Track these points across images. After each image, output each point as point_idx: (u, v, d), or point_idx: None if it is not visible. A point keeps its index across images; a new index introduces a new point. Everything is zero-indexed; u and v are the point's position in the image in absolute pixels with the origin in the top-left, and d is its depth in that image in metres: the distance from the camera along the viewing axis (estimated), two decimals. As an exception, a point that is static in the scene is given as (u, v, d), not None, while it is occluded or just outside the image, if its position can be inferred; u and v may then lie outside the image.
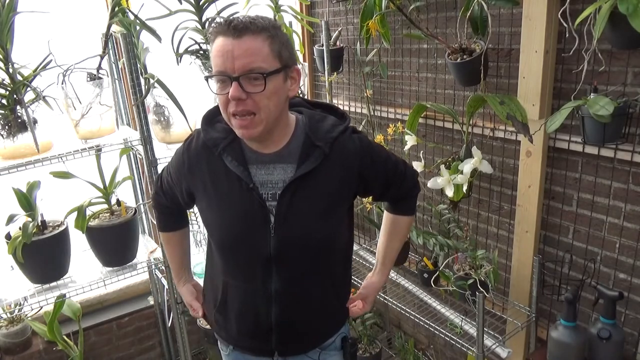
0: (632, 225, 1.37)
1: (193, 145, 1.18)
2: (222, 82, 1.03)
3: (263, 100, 1.02)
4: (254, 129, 1.05)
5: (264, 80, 1.01)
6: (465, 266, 1.63)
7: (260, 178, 1.13)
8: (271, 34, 1.03)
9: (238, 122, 1.04)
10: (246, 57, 1.00)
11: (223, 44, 1.01)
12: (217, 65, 1.02)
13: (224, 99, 1.04)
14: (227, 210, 1.15)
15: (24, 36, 1.57)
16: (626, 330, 1.42)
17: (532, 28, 1.39)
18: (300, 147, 1.14)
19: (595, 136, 1.27)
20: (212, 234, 1.20)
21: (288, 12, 2.06)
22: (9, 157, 1.58)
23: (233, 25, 1.00)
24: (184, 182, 1.21)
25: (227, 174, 1.13)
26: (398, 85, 1.99)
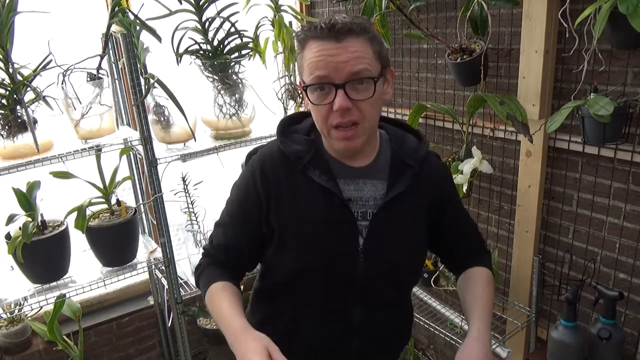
0: (632, 225, 1.37)
1: (268, 161, 1.06)
2: (320, 91, 0.94)
3: (368, 108, 0.95)
4: (358, 139, 0.97)
5: (372, 85, 0.94)
6: (465, 266, 1.63)
7: (349, 193, 1.04)
8: (371, 35, 0.96)
9: (341, 133, 0.96)
10: (352, 61, 0.92)
11: (323, 49, 0.92)
12: (316, 71, 0.93)
13: (325, 110, 0.95)
14: (314, 228, 1.02)
15: (24, 36, 1.57)
16: (626, 330, 1.42)
17: (532, 28, 1.39)
18: (388, 163, 1.07)
19: (595, 136, 1.27)
20: (290, 260, 1.04)
21: (288, 12, 2.06)
22: (9, 157, 1.58)
23: (336, 27, 0.92)
24: (255, 209, 1.05)
25: (312, 189, 1.02)
26: (398, 85, 1.99)
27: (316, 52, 0.93)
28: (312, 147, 1.04)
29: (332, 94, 0.93)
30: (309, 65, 0.95)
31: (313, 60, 0.94)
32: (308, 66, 0.95)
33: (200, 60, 1.84)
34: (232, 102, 1.90)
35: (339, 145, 0.99)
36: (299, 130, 1.08)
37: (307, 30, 0.95)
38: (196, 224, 2.00)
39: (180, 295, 1.93)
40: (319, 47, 0.93)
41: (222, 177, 2.12)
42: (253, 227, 1.06)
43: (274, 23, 2.01)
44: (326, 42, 0.93)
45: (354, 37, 0.93)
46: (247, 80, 1.94)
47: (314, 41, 0.94)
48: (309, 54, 0.95)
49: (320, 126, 0.99)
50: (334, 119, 0.95)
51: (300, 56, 0.98)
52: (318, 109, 0.96)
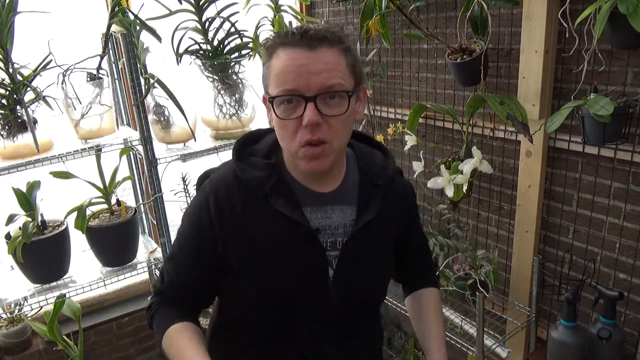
0: (632, 225, 1.37)
1: (222, 188, 0.95)
2: (288, 104, 0.86)
3: (339, 126, 0.87)
4: (326, 159, 0.88)
5: (346, 101, 0.86)
6: (465, 266, 1.63)
7: (317, 222, 0.95)
8: (346, 46, 0.89)
9: (308, 151, 0.86)
10: (325, 72, 0.84)
11: (293, 57, 0.84)
12: (284, 82, 0.85)
13: (292, 125, 0.86)
14: (280, 262, 0.93)
15: (24, 36, 1.57)
16: (626, 330, 1.41)
17: (532, 28, 1.39)
18: (357, 184, 0.99)
19: (595, 136, 1.27)
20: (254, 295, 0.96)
21: (288, 12, 2.06)
22: (9, 157, 1.58)
23: (309, 34, 0.84)
24: (210, 241, 0.94)
25: (276, 220, 0.92)
26: (398, 85, 1.99)
27: (285, 61, 0.85)
28: (273, 172, 0.94)
29: (301, 107, 0.85)
30: (277, 75, 0.86)
31: (282, 70, 0.85)
32: (276, 76, 0.86)
33: (200, 60, 1.84)
34: (232, 102, 1.90)
35: (305, 166, 0.89)
36: (257, 151, 0.97)
37: (277, 37, 0.88)
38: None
39: (180, 295, 1.92)
40: (289, 55, 0.85)
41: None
42: (208, 261, 0.96)
43: (274, 23, 2.01)
44: (297, 50, 0.84)
45: (327, 47, 0.85)
46: (247, 80, 1.94)
47: (284, 49, 0.86)
48: (277, 62, 0.86)
49: (287, 144, 0.90)
50: (303, 136, 0.86)
51: (267, 65, 0.89)
52: (284, 124, 0.87)
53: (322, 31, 0.86)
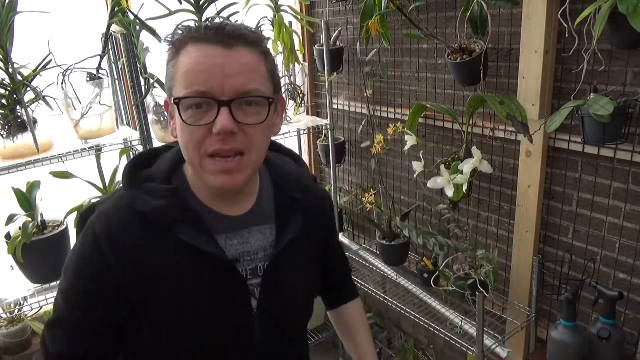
0: (632, 225, 1.37)
1: (115, 224, 0.79)
2: (197, 109, 0.74)
3: (258, 136, 0.77)
4: (240, 174, 0.77)
5: (266, 108, 0.77)
6: (465, 266, 1.63)
7: (234, 250, 0.84)
8: (265, 50, 0.80)
9: (220, 164, 0.75)
10: (243, 75, 0.74)
11: (206, 55, 0.73)
12: (194, 83, 0.73)
13: (200, 133, 0.74)
14: (196, 303, 0.81)
15: (24, 36, 1.57)
16: (626, 330, 1.42)
17: (532, 28, 1.39)
18: (272, 201, 0.89)
19: (595, 136, 1.27)
20: (171, 346, 0.82)
21: (288, 12, 2.06)
22: (9, 157, 1.58)
23: (226, 30, 0.74)
24: (107, 292, 0.78)
25: (185, 255, 0.79)
26: (398, 85, 1.99)
27: (196, 58, 0.73)
28: (177, 199, 0.80)
29: (213, 113, 0.73)
30: (186, 74, 0.74)
31: (191, 69, 0.73)
32: (184, 75, 0.74)
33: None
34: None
35: (215, 181, 0.76)
36: (154, 176, 0.82)
37: (186, 31, 0.76)
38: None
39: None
40: (201, 52, 0.74)
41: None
42: (109, 317, 0.80)
43: (274, 23, 2.01)
44: (211, 47, 0.74)
45: (245, 47, 0.75)
46: (247, 80, 1.93)
47: (195, 45, 0.74)
48: (187, 60, 0.74)
49: (191, 155, 0.77)
50: (212, 145, 0.74)
51: (173, 63, 0.77)
52: (191, 131, 0.74)
53: (240, 29, 0.76)
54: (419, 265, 1.89)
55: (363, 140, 2.20)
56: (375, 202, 1.99)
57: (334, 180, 2.29)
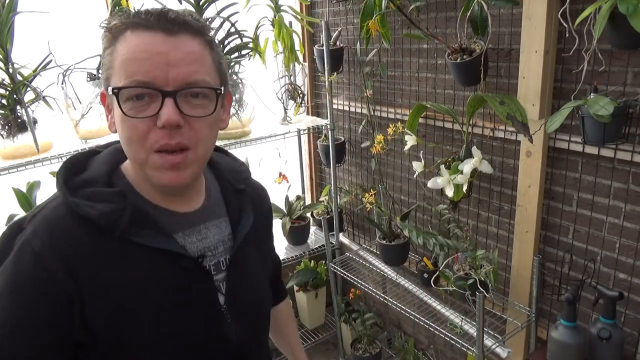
0: (632, 225, 1.37)
1: (57, 234, 0.70)
2: (138, 100, 0.69)
3: (204, 129, 0.73)
4: (187, 170, 0.72)
5: (213, 101, 0.73)
6: (465, 266, 1.63)
7: (195, 247, 0.79)
8: (210, 39, 0.75)
9: (167, 160, 0.70)
10: (188, 65, 0.69)
11: (148, 42, 0.68)
12: (135, 72, 0.68)
13: (143, 127, 0.69)
14: (163, 311, 0.74)
15: (24, 36, 1.57)
16: (626, 330, 1.42)
17: (532, 28, 1.39)
18: (219, 194, 0.87)
19: (595, 136, 1.27)
20: (140, 352, 0.74)
21: (288, 12, 2.06)
22: (9, 157, 1.58)
23: (169, 16, 0.69)
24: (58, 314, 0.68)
25: (143, 259, 0.73)
26: (398, 85, 1.99)
27: (137, 46, 0.68)
28: (125, 201, 0.73)
29: (157, 104, 0.68)
30: (125, 62, 0.68)
31: (132, 57, 0.68)
32: (123, 64, 0.68)
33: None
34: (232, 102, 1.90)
35: (160, 178, 0.71)
36: (93, 180, 0.75)
37: (125, 17, 0.70)
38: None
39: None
40: (142, 39, 0.68)
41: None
42: (59, 343, 0.69)
43: (274, 23, 2.01)
44: (153, 34, 0.68)
45: (190, 35, 0.71)
46: (247, 80, 1.94)
47: (135, 31, 0.69)
48: (126, 47, 0.69)
49: (135, 150, 0.71)
50: (157, 140, 0.69)
51: (110, 51, 0.70)
52: (133, 125, 0.69)
53: (183, 15, 0.71)
54: (419, 265, 1.89)
55: (363, 140, 2.20)
56: (375, 202, 1.99)
57: (334, 180, 2.29)
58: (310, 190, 2.75)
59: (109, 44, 0.71)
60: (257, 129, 2.07)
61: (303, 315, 2.62)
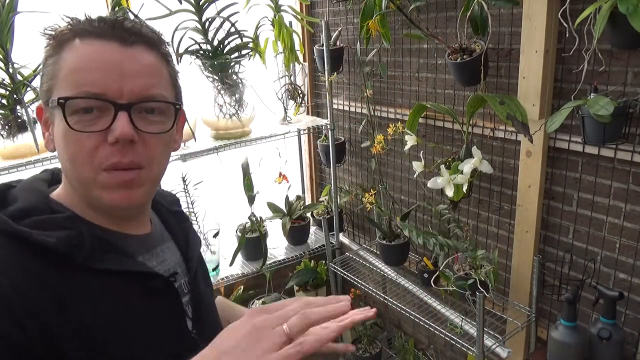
0: (632, 225, 1.37)
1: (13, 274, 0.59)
2: (85, 114, 0.63)
3: (159, 148, 0.68)
4: (139, 189, 0.67)
5: (171, 117, 0.69)
6: (465, 266, 1.63)
7: (158, 270, 0.74)
8: (167, 53, 0.71)
9: (118, 177, 0.64)
10: (144, 77, 0.65)
11: (100, 51, 0.63)
12: (85, 82, 0.62)
13: (91, 143, 0.63)
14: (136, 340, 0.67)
15: (24, 36, 1.57)
16: (626, 330, 1.42)
17: (532, 28, 1.39)
18: (156, 217, 0.83)
19: (595, 136, 1.27)
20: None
21: (288, 12, 2.06)
22: (9, 157, 1.58)
23: (124, 25, 0.65)
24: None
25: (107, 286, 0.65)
26: (398, 85, 1.99)
27: (89, 55, 0.63)
28: (78, 225, 0.66)
29: (107, 118, 0.63)
30: (74, 72, 0.63)
31: (82, 66, 0.63)
32: (71, 73, 0.63)
33: (200, 60, 1.84)
34: (232, 102, 1.90)
35: (111, 198, 0.65)
36: (31, 209, 0.65)
37: (74, 24, 0.66)
38: (196, 224, 2.00)
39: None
40: (93, 47, 0.63)
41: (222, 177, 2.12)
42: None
43: (274, 23, 2.01)
44: (106, 43, 0.64)
45: (146, 47, 0.67)
46: (247, 80, 1.94)
47: (86, 40, 0.64)
48: (74, 56, 0.63)
49: (80, 169, 0.64)
50: (107, 157, 0.63)
51: (54, 60, 0.64)
52: (79, 140, 0.62)
53: (139, 25, 0.68)
54: (419, 265, 1.89)
55: (363, 140, 2.20)
56: (375, 202, 1.99)
57: (334, 180, 2.29)
58: (310, 190, 2.75)
59: (53, 52, 0.65)
60: (257, 129, 2.07)
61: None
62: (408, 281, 2.00)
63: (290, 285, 2.45)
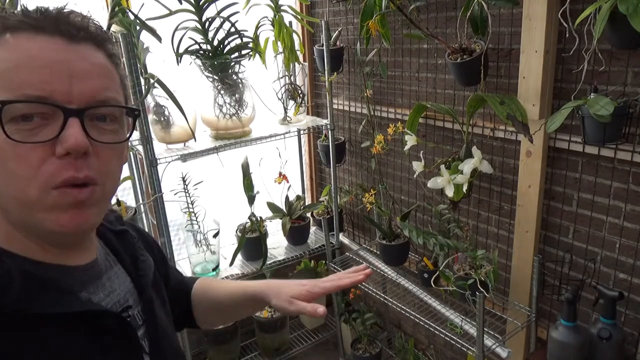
0: (632, 225, 1.37)
1: None
2: (25, 121, 0.52)
3: (113, 161, 0.59)
4: (92, 208, 0.57)
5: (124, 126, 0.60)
6: (465, 266, 1.63)
7: (107, 303, 0.63)
8: (115, 53, 0.61)
9: (70, 195, 0.54)
10: (96, 78, 0.56)
11: (43, 47, 0.52)
12: (23, 84, 0.51)
13: (36, 155, 0.52)
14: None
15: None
16: (626, 330, 1.42)
17: (532, 28, 1.39)
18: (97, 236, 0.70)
19: (595, 136, 1.27)
20: None
21: (288, 12, 2.06)
22: None
23: (70, 20, 0.55)
24: None
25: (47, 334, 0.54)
26: (398, 85, 1.99)
27: (28, 51, 0.52)
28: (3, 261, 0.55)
29: (55, 126, 0.53)
30: (11, 71, 0.51)
31: (21, 64, 0.51)
32: (7, 73, 0.51)
33: (200, 60, 1.84)
34: (232, 102, 1.90)
35: (58, 220, 0.54)
36: None
37: (9, 16, 0.53)
38: (196, 224, 2.00)
39: (180, 295, 1.92)
40: (34, 43, 0.52)
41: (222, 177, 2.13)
42: None
43: (274, 23, 2.01)
44: (49, 38, 0.53)
45: (94, 45, 0.57)
46: (247, 80, 1.94)
47: (23, 33, 0.52)
48: (10, 53, 0.52)
49: (19, 189, 0.53)
50: (58, 172, 0.53)
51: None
52: (19, 153, 0.52)
53: (86, 20, 0.57)
54: (419, 265, 1.89)
55: (363, 140, 2.20)
56: (375, 202, 1.99)
57: (334, 180, 2.29)
58: (310, 190, 2.75)
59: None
60: (257, 129, 2.07)
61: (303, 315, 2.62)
62: (408, 281, 2.00)
63: (290, 285, 2.44)
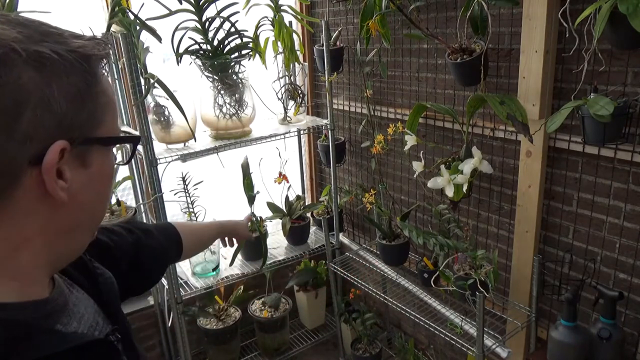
0: (632, 225, 1.37)
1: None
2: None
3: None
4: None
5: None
6: (465, 266, 1.63)
7: (82, 330, 0.58)
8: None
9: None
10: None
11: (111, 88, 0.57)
12: (116, 120, 0.57)
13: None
14: None
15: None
16: (626, 330, 1.42)
17: (532, 28, 1.39)
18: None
19: (595, 136, 1.27)
20: None
21: (288, 12, 2.06)
22: None
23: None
24: None
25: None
26: (398, 85, 1.99)
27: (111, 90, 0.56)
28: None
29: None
30: (110, 104, 0.54)
31: (111, 100, 0.55)
32: (109, 106, 0.54)
33: (200, 60, 1.84)
34: (232, 102, 1.90)
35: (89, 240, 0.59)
36: None
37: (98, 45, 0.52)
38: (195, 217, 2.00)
39: (180, 295, 1.93)
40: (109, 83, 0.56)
41: (222, 177, 2.13)
42: None
43: (274, 23, 2.01)
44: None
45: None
46: (247, 80, 1.94)
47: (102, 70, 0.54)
48: (108, 87, 0.54)
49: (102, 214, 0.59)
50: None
51: (97, 92, 0.52)
52: (110, 182, 0.58)
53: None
54: (419, 265, 1.89)
55: (363, 140, 2.20)
56: (375, 202, 1.99)
57: (334, 180, 2.29)
58: (310, 190, 2.75)
59: (90, 78, 0.51)
60: (257, 129, 2.07)
61: (303, 315, 2.62)
62: (408, 281, 2.00)
63: (290, 285, 2.45)
